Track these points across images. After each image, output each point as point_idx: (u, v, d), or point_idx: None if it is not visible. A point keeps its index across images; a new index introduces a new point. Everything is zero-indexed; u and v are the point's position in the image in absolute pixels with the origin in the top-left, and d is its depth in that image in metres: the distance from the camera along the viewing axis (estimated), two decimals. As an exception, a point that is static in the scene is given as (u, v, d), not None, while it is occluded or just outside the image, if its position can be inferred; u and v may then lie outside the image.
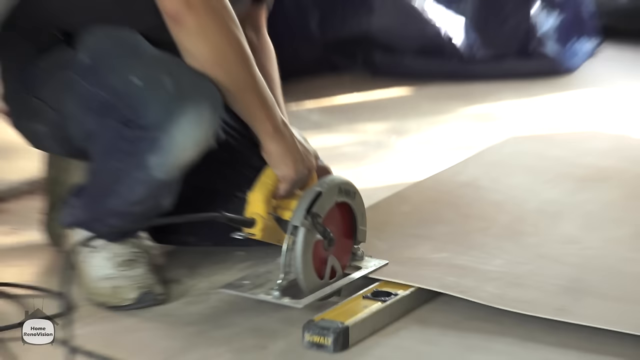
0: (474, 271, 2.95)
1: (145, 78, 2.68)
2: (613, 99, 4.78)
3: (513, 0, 5.11)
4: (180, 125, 2.64)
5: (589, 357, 2.58)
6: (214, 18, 2.70)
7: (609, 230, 3.26)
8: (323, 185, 2.80)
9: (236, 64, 2.76)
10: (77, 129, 2.86)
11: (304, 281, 2.75)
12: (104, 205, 2.85)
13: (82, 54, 2.78)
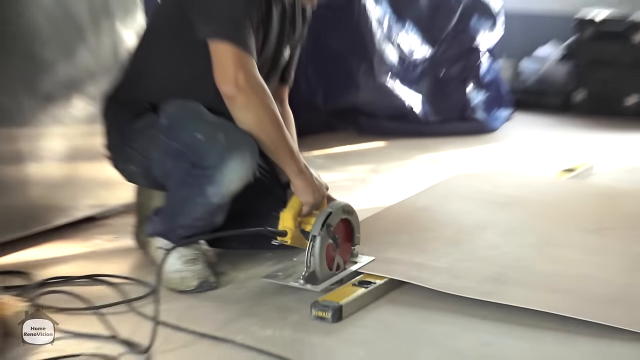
0: (428, 267, 2.96)
1: (206, 134, 2.75)
2: (522, 149, 4.79)
3: (453, 83, 5.07)
4: (230, 167, 2.72)
5: (506, 327, 2.61)
6: (257, 97, 2.76)
7: (521, 239, 3.27)
8: (332, 207, 2.85)
9: (272, 128, 2.81)
10: (159, 169, 2.92)
11: (320, 273, 2.80)
12: (175, 221, 2.91)
13: (163, 118, 2.85)
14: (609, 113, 5.42)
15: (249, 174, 2.79)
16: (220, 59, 2.75)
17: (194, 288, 2.88)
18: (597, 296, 2.77)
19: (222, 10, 2.76)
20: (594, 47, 5.45)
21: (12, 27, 3.10)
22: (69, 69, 3.31)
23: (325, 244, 2.80)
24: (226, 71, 2.73)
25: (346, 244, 2.97)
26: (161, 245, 2.96)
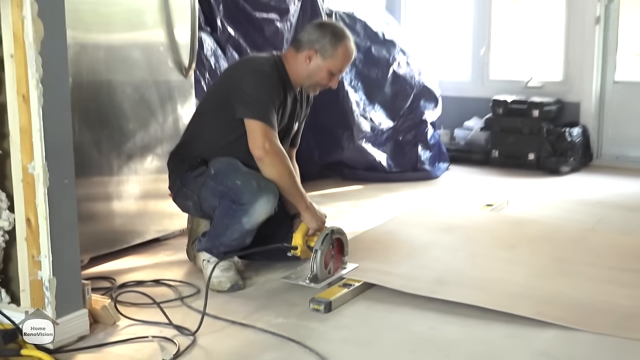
0: (391, 273, 2.92)
1: (243, 181, 2.77)
2: (456, 191, 4.76)
3: (408, 145, 5.02)
4: (260, 204, 2.75)
5: (447, 315, 2.58)
6: (277, 159, 2.80)
7: (457, 253, 3.22)
8: (328, 230, 2.84)
9: (288, 179, 2.83)
10: (207, 204, 2.90)
11: (320, 275, 2.79)
12: (218, 240, 2.86)
13: (211, 169, 2.86)
14: (516, 166, 5.38)
15: (272, 209, 2.80)
16: (253, 132, 2.79)
17: (227, 289, 2.82)
18: (509, 293, 2.75)
19: (254, 98, 2.81)
20: (504, 120, 5.42)
21: (105, 107, 3.10)
22: (144, 136, 3.28)
23: (323, 255, 2.80)
24: (256, 141, 2.77)
25: (338, 255, 2.93)
26: (206, 258, 2.91)
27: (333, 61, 2.91)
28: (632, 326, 2.45)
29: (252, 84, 2.83)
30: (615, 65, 5.42)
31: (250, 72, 2.88)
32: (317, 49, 2.90)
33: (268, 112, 2.80)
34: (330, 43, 2.89)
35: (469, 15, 5.86)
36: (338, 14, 5.01)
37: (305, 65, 2.92)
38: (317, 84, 2.98)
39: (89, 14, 2.95)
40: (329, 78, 2.96)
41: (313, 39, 2.91)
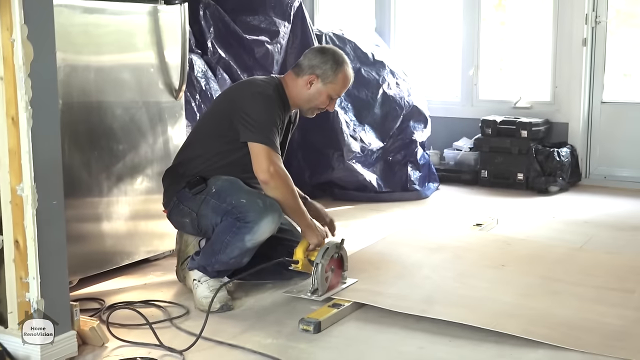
0: (381, 293, 2.92)
1: (248, 199, 2.80)
2: (446, 211, 4.75)
3: (398, 165, 5.01)
4: (265, 222, 2.77)
5: (436, 335, 2.57)
6: (281, 181, 2.84)
7: (445, 273, 3.21)
8: (328, 244, 2.91)
9: (291, 200, 2.87)
10: (207, 222, 2.89)
11: (321, 288, 2.85)
12: (216, 258, 2.86)
13: (212, 187, 2.88)
14: (505, 185, 5.39)
15: (276, 228, 2.84)
16: (257, 156, 2.82)
17: (217, 309, 2.80)
18: (498, 312, 2.75)
19: (258, 122, 2.84)
20: (493, 141, 5.43)
21: (96, 128, 3.10)
22: (134, 157, 3.28)
23: (323, 269, 2.85)
24: (261, 164, 2.80)
25: (338, 270, 2.98)
26: (196, 277, 2.90)
27: (333, 86, 2.98)
28: (621, 345, 2.46)
29: (256, 108, 2.87)
30: (602, 86, 5.45)
31: (254, 95, 2.91)
32: (318, 74, 2.96)
33: (271, 135, 2.84)
34: (331, 69, 2.96)
35: (458, 36, 5.90)
36: (328, 35, 5.04)
37: (306, 90, 2.98)
38: (316, 107, 3.05)
39: (79, 35, 2.96)
40: (328, 102, 3.03)
41: (314, 64, 2.96)
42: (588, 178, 5.52)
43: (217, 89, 4.04)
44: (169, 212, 3.02)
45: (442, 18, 6.07)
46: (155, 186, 3.35)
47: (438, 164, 5.65)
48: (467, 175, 5.56)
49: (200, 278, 2.88)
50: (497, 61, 5.90)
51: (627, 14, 5.55)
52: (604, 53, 5.41)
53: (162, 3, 3.31)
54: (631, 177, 5.36)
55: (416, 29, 6.14)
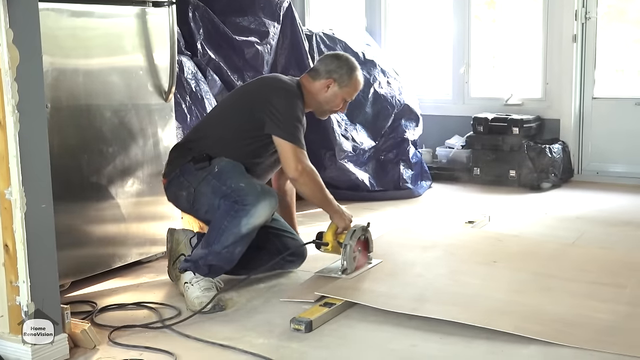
0: (372, 292, 2.93)
1: (247, 184, 2.89)
2: (439, 208, 4.76)
3: (390, 164, 5.01)
4: (262, 205, 2.84)
5: (428, 332, 2.57)
6: (309, 178, 3.00)
7: (438, 270, 3.22)
8: (355, 227, 3.12)
9: (319, 194, 3.06)
10: (204, 200, 2.97)
11: (349, 267, 3.08)
12: (210, 249, 2.89)
13: (215, 166, 2.95)
14: (497, 183, 5.40)
15: (271, 213, 2.93)
16: (285, 155, 2.97)
17: (209, 309, 2.80)
18: (490, 309, 2.76)
19: (287, 118, 2.98)
20: (485, 138, 5.44)
21: (85, 132, 3.10)
22: (124, 160, 3.28)
23: (352, 249, 3.07)
24: (290, 164, 2.96)
25: (364, 252, 3.20)
26: (187, 280, 2.90)
27: (348, 90, 3.18)
28: (613, 340, 2.46)
29: (283, 103, 3.00)
30: (593, 82, 5.47)
31: (282, 90, 3.06)
32: (335, 78, 3.14)
33: (297, 132, 2.98)
34: (347, 74, 3.15)
35: (448, 34, 5.90)
36: (318, 35, 5.04)
37: (324, 93, 3.15)
38: (330, 110, 3.25)
39: (67, 39, 2.96)
40: (342, 105, 3.22)
41: (331, 69, 3.15)
42: (580, 174, 5.53)
43: (207, 90, 4.04)
44: (168, 182, 3.07)
45: (433, 16, 6.08)
46: (146, 188, 3.35)
47: (430, 162, 5.66)
48: (459, 173, 5.56)
49: (191, 280, 2.89)
50: (488, 59, 5.91)
51: (618, 9, 5.56)
52: (594, 49, 5.43)
53: (150, 5, 3.30)
54: (623, 173, 5.38)
55: (407, 27, 6.15)
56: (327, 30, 5.20)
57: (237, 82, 4.35)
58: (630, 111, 5.35)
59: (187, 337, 2.50)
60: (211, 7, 4.34)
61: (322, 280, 3.05)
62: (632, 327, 2.58)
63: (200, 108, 3.93)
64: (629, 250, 3.61)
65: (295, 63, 4.69)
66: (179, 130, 3.74)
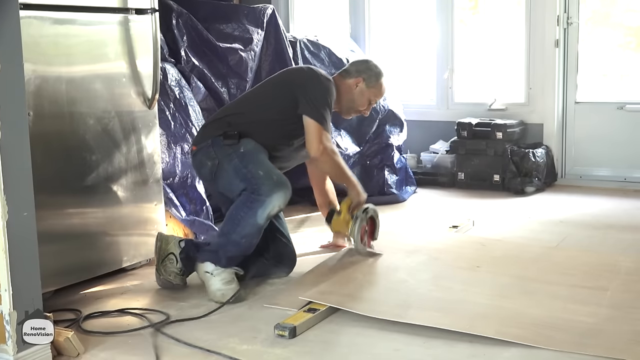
0: (356, 297, 2.94)
1: (264, 172, 3.03)
2: (423, 213, 4.78)
3: (375, 169, 5.03)
4: (276, 196, 2.98)
5: (411, 337, 2.59)
6: (329, 158, 3.21)
7: (421, 275, 3.23)
8: (368, 205, 3.42)
9: (337, 171, 3.30)
10: (225, 177, 3.11)
11: (356, 238, 3.38)
12: (228, 238, 3.02)
13: (241, 147, 3.11)
14: (481, 187, 5.43)
15: (285, 202, 3.05)
16: (311, 134, 3.16)
17: (230, 300, 2.95)
18: (472, 314, 2.78)
19: (318, 101, 3.18)
20: (469, 143, 5.47)
21: (68, 139, 3.10)
22: (108, 167, 3.28)
23: (362, 223, 3.35)
24: (313, 144, 3.15)
25: (371, 235, 3.46)
26: (208, 270, 3.03)
27: (374, 91, 3.44)
28: (593, 343, 2.49)
29: (320, 89, 3.22)
30: (576, 87, 5.51)
31: (321, 77, 3.27)
32: (364, 77, 3.41)
33: (326, 114, 3.18)
34: (375, 76, 3.43)
35: (432, 40, 5.94)
36: (302, 41, 5.06)
37: (352, 89, 3.41)
38: (355, 108, 3.47)
39: (49, 46, 2.96)
40: (366, 105, 3.45)
41: (361, 69, 3.44)
42: (564, 178, 5.58)
43: (191, 97, 4.05)
44: (197, 149, 3.21)
45: (417, 22, 6.11)
46: (130, 195, 3.36)
47: (415, 167, 5.68)
48: (444, 178, 5.59)
49: (212, 271, 3.01)
50: (472, 64, 5.94)
51: (602, 14, 5.61)
52: (577, 54, 5.48)
53: (133, 13, 3.31)
54: (606, 176, 5.43)
55: (391, 34, 6.18)
56: (311, 37, 5.22)
57: (221, 88, 4.36)
58: (612, 115, 5.40)
59: (175, 343, 2.51)
60: (195, 14, 4.36)
61: (306, 286, 3.07)
62: (612, 330, 2.60)
63: (184, 115, 3.93)
64: (611, 253, 3.64)
65: (279, 69, 4.68)
66: (163, 137, 3.75)
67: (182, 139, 3.85)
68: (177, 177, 3.78)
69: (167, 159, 3.75)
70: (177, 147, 3.81)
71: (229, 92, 4.40)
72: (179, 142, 3.83)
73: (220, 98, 4.36)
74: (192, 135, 3.89)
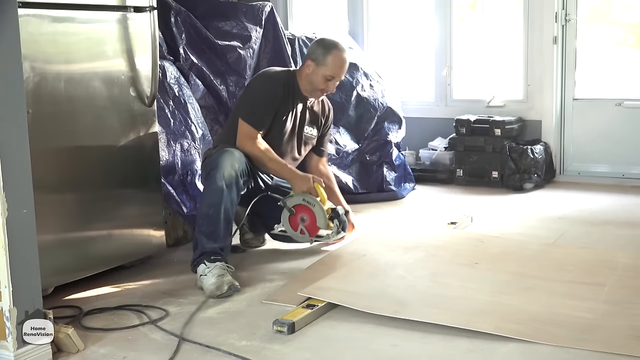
0: (354, 293, 2.94)
1: (220, 150, 3.33)
2: (422, 210, 4.77)
3: (374, 166, 5.02)
4: (226, 156, 3.26)
5: (409, 333, 2.60)
6: (244, 148, 3.38)
7: (419, 272, 3.24)
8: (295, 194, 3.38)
9: (257, 160, 3.40)
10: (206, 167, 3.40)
11: (286, 227, 3.42)
12: (199, 212, 3.22)
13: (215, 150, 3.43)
14: (480, 184, 5.44)
15: (235, 159, 3.25)
16: (239, 129, 3.42)
17: (225, 292, 3.00)
18: (471, 310, 2.78)
19: (249, 106, 3.44)
20: (468, 140, 5.48)
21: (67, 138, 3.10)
22: (107, 165, 3.27)
23: (290, 207, 3.34)
24: (238, 137, 3.41)
25: (313, 224, 3.35)
26: (201, 272, 3.10)
27: (326, 67, 3.46)
28: (590, 338, 2.50)
29: (250, 91, 3.49)
30: (574, 83, 5.52)
31: (256, 81, 3.54)
32: (312, 58, 3.49)
33: (256, 116, 3.39)
34: (322, 53, 3.47)
35: (431, 37, 5.94)
36: (300, 39, 5.06)
37: (307, 72, 3.49)
38: (316, 88, 3.50)
39: (48, 45, 2.96)
40: (325, 82, 3.48)
41: (310, 51, 3.54)
42: (563, 174, 5.59)
43: (190, 94, 4.05)
44: (205, 155, 3.58)
45: (415, 19, 6.12)
46: (129, 192, 3.36)
47: (414, 164, 5.69)
48: (442, 175, 5.60)
49: (204, 271, 3.07)
50: (470, 61, 5.95)
51: (601, 11, 5.61)
52: (575, 50, 5.48)
53: (131, 11, 3.31)
54: (604, 173, 5.43)
55: (389, 30, 6.18)
56: (309, 34, 5.22)
57: (220, 86, 4.37)
58: (611, 112, 5.41)
59: (172, 337, 2.52)
60: (193, 12, 4.36)
61: (304, 282, 3.08)
62: (610, 325, 2.61)
63: (184, 112, 3.94)
64: (609, 250, 3.65)
65: (278, 67, 4.71)
66: (163, 134, 3.76)
67: (182, 136, 3.86)
68: (177, 175, 3.78)
69: (166, 156, 3.75)
70: (176, 145, 3.82)
71: (227, 89, 4.41)
72: (178, 139, 3.84)
73: (219, 95, 4.37)
74: (192, 133, 3.90)
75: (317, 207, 3.33)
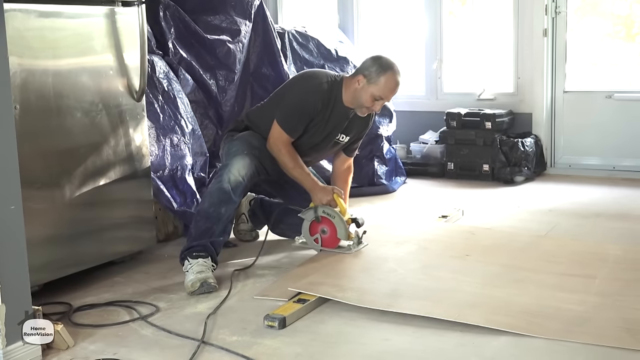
0: (346, 288, 2.94)
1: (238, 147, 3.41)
2: (413, 204, 4.78)
3: (365, 160, 5.00)
4: (236, 159, 3.30)
5: (401, 326, 2.61)
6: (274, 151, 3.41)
7: (410, 265, 3.24)
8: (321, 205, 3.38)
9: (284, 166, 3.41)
10: (225, 150, 3.50)
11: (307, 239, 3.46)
12: (200, 208, 3.22)
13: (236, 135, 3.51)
14: (471, 177, 5.45)
15: (245, 164, 3.26)
16: (273, 129, 3.40)
17: (197, 289, 2.98)
18: (462, 303, 2.79)
19: (286, 111, 3.41)
20: (458, 133, 5.49)
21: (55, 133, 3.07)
22: (96, 160, 3.25)
23: (309, 220, 3.36)
24: (269, 138, 3.41)
25: (333, 235, 3.37)
26: (185, 269, 3.10)
27: (376, 87, 3.35)
28: (581, 330, 2.50)
29: (291, 98, 3.43)
30: (565, 76, 5.53)
31: (299, 88, 3.46)
32: (365, 74, 3.37)
33: (286, 119, 3.37)
34: (376, 72, 3.35)
35: (421, 31, 5.94)
36: (290, 33, 5.05)
37: (355, 87, 3.38)
38: (362, 105, 3.41)
39: (35, 40, 2.94)
40: (372, 102, 3.38)
41: (365, 66, 3.40)
42: (553, 167, 5.60)
43: (179, 89, 4.04)
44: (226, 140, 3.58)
45: (405, 12, 6.11)
46: (118, 188, 3.35)
47: (405, 157, 5.69)
48: (433, 168, 5.61)
49: (186, 267, 3.08)
50: (461, 54, 5.95)
51: (591, 3, 5.62)
52: (565, 43, 5.49)
53: (119, 5, 3.29)
54: (595, 165, 5.45)
55: (380, 24, 6.18)
56: (299, 28, 5.21)
57: (210, 80, 4.35)
58: (601, 104, 5.43)
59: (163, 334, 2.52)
60: (182, 6, 4.34)
61: (296, 277, 3.08)
62: (601, 317, 2.62)
63: (173, 107, 3.92)
64: (599, 242, 3.66)
65: (267, 61, 4.71)
66: (152, 129, 3.74)
67: (171, 131, 3.85)
68: (166, 170, 3.77)
69: (156, 151, 3.74)
70: (166, 140, 3.81)
71: (217, 84, 4.39)
72: (168, 134, 3.82)
73: (209, 90, 4.35)
74: (181, 128, 3.89)
75: (337, 219, 3.34)
